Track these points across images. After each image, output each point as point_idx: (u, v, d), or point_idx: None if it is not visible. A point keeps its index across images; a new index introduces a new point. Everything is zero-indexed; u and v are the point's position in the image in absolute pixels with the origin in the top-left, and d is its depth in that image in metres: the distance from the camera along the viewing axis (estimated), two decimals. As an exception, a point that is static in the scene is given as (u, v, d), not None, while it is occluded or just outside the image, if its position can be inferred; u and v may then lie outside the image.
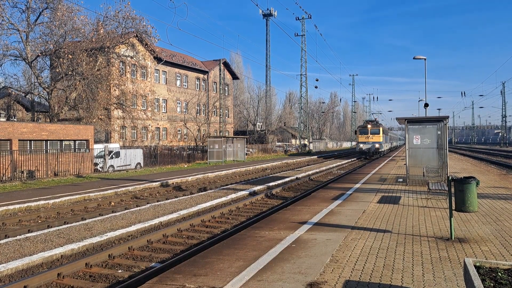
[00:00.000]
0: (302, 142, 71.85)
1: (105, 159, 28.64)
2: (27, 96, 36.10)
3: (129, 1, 40.21)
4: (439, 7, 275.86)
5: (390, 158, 41.87)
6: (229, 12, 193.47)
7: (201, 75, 60.59)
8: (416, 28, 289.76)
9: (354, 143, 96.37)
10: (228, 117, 66.16)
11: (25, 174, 23.11)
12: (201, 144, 45.86)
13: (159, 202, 15.61)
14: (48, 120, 32.57)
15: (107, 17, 32.14)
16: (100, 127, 37.07)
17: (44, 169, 24.56)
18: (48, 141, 25.80)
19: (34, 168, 23.80)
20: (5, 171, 22.53)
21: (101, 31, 32.45)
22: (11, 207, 14.15)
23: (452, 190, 7.99)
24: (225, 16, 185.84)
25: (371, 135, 46.07)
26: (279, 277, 5.76)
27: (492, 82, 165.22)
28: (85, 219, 12.75)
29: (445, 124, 15.69)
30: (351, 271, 5.97)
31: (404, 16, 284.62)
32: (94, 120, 32.66)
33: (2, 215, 13.55)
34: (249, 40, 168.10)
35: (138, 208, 14.42)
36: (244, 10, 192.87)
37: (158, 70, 51.70)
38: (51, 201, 15.39)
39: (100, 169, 28.92)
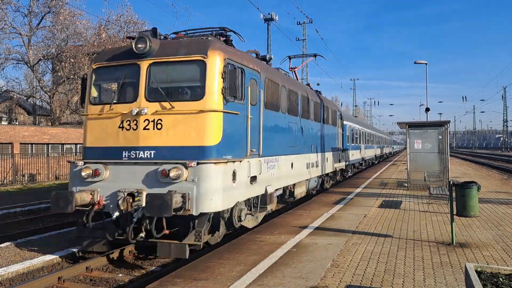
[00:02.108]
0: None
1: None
2: (28, 100, 36.26)
3: (131, 5, 40.47)
4: (440, 12, 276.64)
5: (391, 162, 41.49)
6: (230, 17, 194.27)
7: (202, 79, 60.60)
8: (417, 33, 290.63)
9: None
10: (229, 121, 66.10)
11: (26, 177, 23.14)
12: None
13: (160, 206, 15.56)
14: (50, 123, 32.67)
15: (109, 21, 32.34)
16: (101, 130, 37.08)
17: (45, 172, 24.58)
18: (50, 145, 25.85)
19: (35, 172, 23.82)
20: (7, 174, 22.56)
21: (103, 35, 32.57)
22: (12, 210, 14.15)
23: (453, 194, 7.98)
24: (226, 21, 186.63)
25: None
26: (279, 282, 5.75)
27: (493, 87, 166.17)
28: (86, 223, 12.70)
29: (446, 129, 15.70)
30: (352, 276, 5.95)
31: (405, 21, 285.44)
32: (95, 123, 32.65)
33: (3, 218, 13.54)
34: (250, 45, 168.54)
35: (139, 212, 14.38)
36: (245, 15, 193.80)
37: (160, 74, 51.74)
38: (52, 205, 15.36)
39: (101, 173, 28.87)
